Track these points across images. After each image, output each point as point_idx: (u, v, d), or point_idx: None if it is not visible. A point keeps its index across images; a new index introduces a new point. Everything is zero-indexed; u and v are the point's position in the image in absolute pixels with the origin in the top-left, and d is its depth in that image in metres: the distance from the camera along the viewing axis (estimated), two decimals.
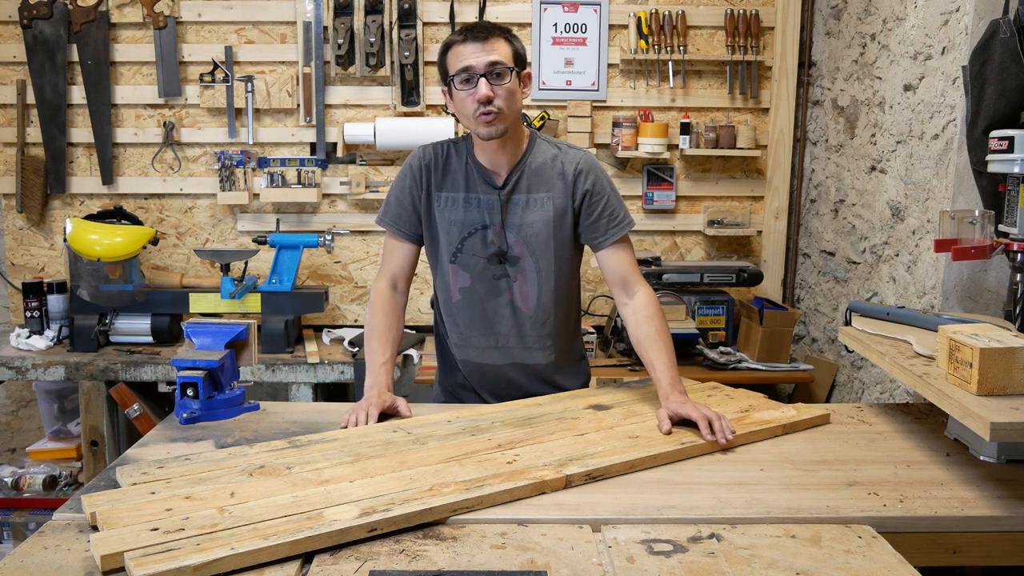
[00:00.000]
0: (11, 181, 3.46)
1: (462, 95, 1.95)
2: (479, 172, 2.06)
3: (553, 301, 2.09)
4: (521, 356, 2.11)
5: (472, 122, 1.97)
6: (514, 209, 2.05)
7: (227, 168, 3.43)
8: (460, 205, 2.06)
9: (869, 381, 2.97)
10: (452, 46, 1.97)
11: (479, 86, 1.91)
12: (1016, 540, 1.46)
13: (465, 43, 1.94)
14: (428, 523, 1.37)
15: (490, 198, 2.05)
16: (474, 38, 1.93)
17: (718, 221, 3.62)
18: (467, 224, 2.06)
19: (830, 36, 3.36)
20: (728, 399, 2.01)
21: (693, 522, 1.40)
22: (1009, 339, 1.53)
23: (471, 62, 1.92)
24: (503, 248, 2.06)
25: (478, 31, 1.94)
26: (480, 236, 2.06)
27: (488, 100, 1.91)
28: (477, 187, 2.06)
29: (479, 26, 1.97)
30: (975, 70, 2.15)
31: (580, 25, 3.50)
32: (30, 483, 3.19)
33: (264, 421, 1.91)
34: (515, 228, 2.05)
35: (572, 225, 2.07)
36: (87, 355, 3.13)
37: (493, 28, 1.97)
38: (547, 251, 2.06)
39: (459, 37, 1.96)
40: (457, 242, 2.06)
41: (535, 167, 2.06)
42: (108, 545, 1.22)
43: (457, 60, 1.94)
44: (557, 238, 2.06)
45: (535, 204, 2.05)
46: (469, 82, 1.93)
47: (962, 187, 2.38)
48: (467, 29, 1.96)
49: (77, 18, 3.37)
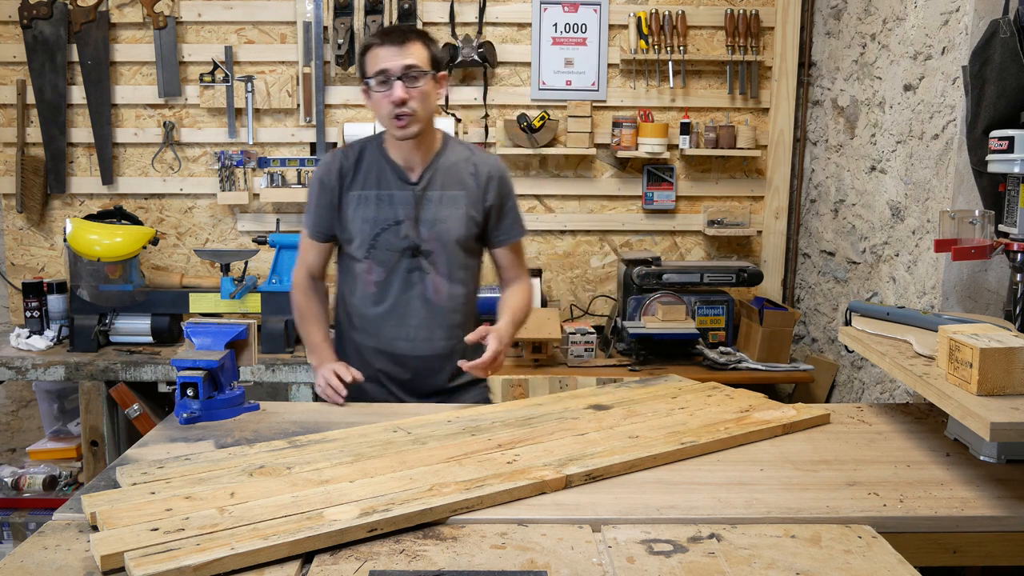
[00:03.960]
0: (11, 181, 3.46)
1: (378, 96, 2.05)
2: (392, 169, 2.16)
3: (462, 293, 2.21)
4: (430, 346, 2.20)
5: (388, 123, 2.07)
6: (428, 205, 2.15)
7: (227, 168, 3.43)
8: (373, 202, 2.15)
9: (869, 381, 2.97)
10: (370, 48, 2.07)
11: (394, 88, 2.01)
12: (1016, 540, 1.46)
13: (383, 46, 2.04)
14: (428, 523, 1.37)
15: (404, 194, 2.15)
16: (391, 41, 2.03)
17: (718, 221, 3.62)
18: (380, 220, 2.14)
19: (830, 36, 3.36)
20: (728, 399, 2.01)
21: (693, 522, 1.40)
22: (1009, 339, 1.53)
23: (387, 65, 2.02)
24: (417, 242, 2.15)
25: (396, 35, 2.05)
26: (394, 231, 2.14)
27: (403, 102, 2.02)
28: (391, 183, 2.15)
29: (397, 29, 2.08)
30: (975, 70, 2.15)
31: (580, 25, 3.50)
32: (30, 483, 3.19)
33: (264, 421, 1.91)
34: (429, 223, 2.15)
35: (482, 224, 2.21)
36: (87, 355, 3.13)
37: (411, 31, 2.08)
38: (458, 246, 2.18)
39: (377, 40, 2.06)
40: (371, 238, 2.15)
41: (448, 165, 2.17)
42: (108, 545, 1.22)
43: (375, 62, 2.04)
44: (468, 234, 2.18)
45: (449, 201, 2.16)
46: (385, 84, 2.03)
47: (962, 187, 2.38)
48: (385, 32, 2.07)
49: (77, 18, 3.37)
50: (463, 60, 3.41)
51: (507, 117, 3.53)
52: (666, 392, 2.07)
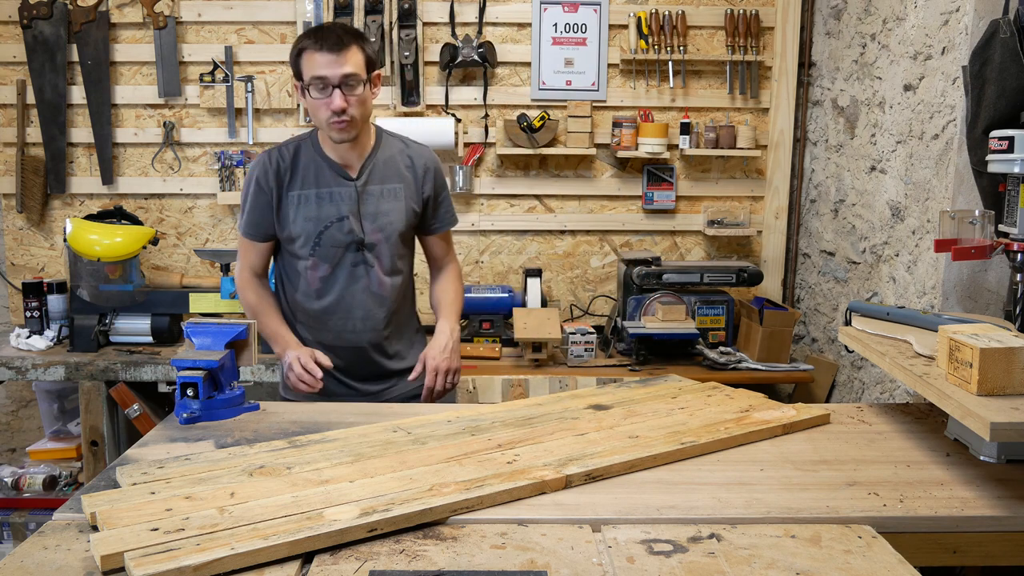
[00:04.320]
0: (11, 181, 3.46)
1: (316, 102, 2.06)
2: (330, 166, 2.19)
3: (402, 280, 2.29)
4: (375, 335, 2.26)
5: (325, 127, 2.10)
6: (369, 199, 2.20)
7: (227, 168, 3.43)
8: (313, 201, 2.17)
9: (869, 381, 2.97)
10: (305, 51, 2.05)
11: (334, 97, 2.03)
12: (1016, 540, 1.46)
13: (320, 51, 2.02)
14: (428, 523, 1.37)
15: (345, 190, 2.18)
16: (329, 48, 2.02)
17: (718, 221, 3.62)
18: (323, 218, 2.17)
19: (830, 36, 3.36)
20: (728, 399, 2.01)
21: (693, 522, 1.40)
22: (1009, 339, 1.53)
23: (326, 73, 2.02)
24: (361, 236, 2.19)
25: (333, 41, 2.03)
26: (338, 227, 2.18)
27: (342, 111, 2.04)
28: (330, 181, 2.19)
29: (334, 34, 2.04)
30: (975, 70, 2.15)
31: (580, 25, 3.50)
32: (30, 483, 3.19)
33: (264, 421, 1.91)
34: (371, 217, 2.20)
35: (420, 215, 2.29)
36: (87, 355, 3.13)
37: (346, 34, 2.06)
38: (400, 238, 2.25)
39: (314, 44, 2.03)
40: (315, 236, 2.18)
41: (385, 159, 2.22)
42: (108, 545, 1.22)
43: (312, 67, 2.03)
44: (408, 225, 2.26)
45: (389, 194, 2.22)
46: (324, 91, 2.04)
47: (962, 187, 2.38)
48: (322, 37, 2.04)
49: (77, 18, 3.37)
50: (463, 60, 3.41)
51: (507, 117, 3.53)
52: (666, 392, 2.08)
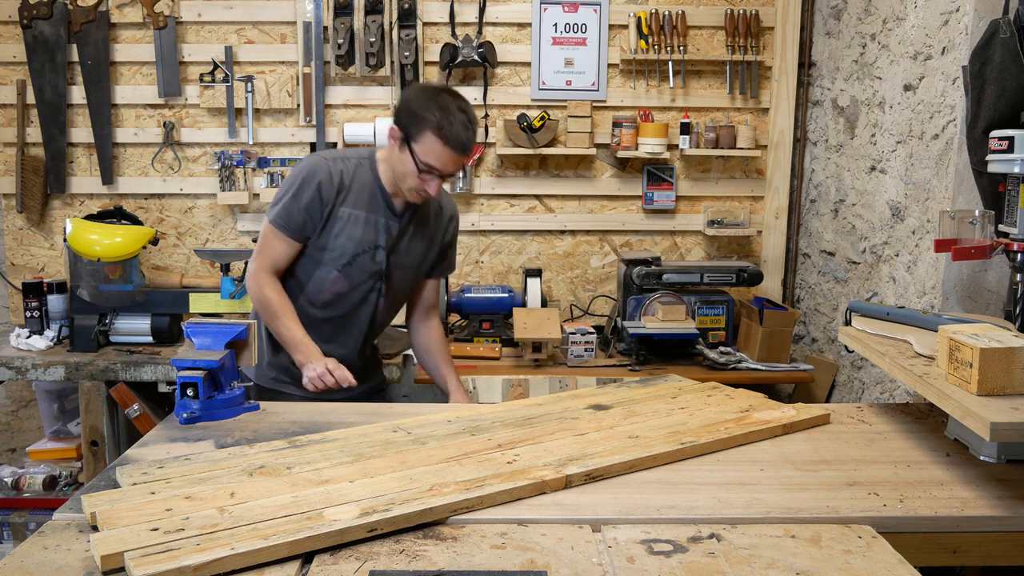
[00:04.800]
0: (11, 181, 3.46)
1: (413, 171, 2.13)
2: (383, 195, 2.25)
3: (394, 313, 2.43)
4: (353, 354, 2.34)
5: (403, 186, 2.18)
6: (403, 237, 2.30)
7: (227, 168, 3.43)
8: (360, 223, 2.23)
9: (869, 381, 2.97)
10: (434, 135, 2.09)
11: (433, 183, 2.14)
12: (1016, 540, 1.46)
13: (452, 150, 2.10)
14: (428, 523, 1.37)
15: (389, 222, 2.26)
16: (460, 151, 2.12)
17: (718, 221, 3.62)
18: (363, 243, 2.25)
19: (830, 36, 3.36)
20: (728, 399, 2.01)
21: (693, 522, 1.40)
22: (1009, 339, 1.53)
23: (440, 167, 2.12)
24: (386, 269, 2.29)
25: (463, 145, 2.12)
26: (370, 255, 2.26)
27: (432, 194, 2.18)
28: (379, 209, 2.25)
29: (466, 137, 2.12)
30: (975, 70, 2.15)
31: (580, 25, 3.50)
32: (30, 483, 3.19)
33: (264, 421, 1.91)
34: (400, 253, 2.30)
35: (431, 259, 2.39)
36: (87, 355, 3.13)
37: (473, 138, 2.16)
38: (411, 277, 2.37)
39: (447, 139, 2.09)
40: (350, 256, 2.24)
41: (423, 202, 2.28)
42: (108, 545, 1.22)
43: (430, 155, 2.10)
44: (421, 268, 2.38)
45: (417, 236, 2.32)
46: (429, 174, 2.13)
47: (962, 187, 2.38)
48: (455, 135, 2.09)
49: (77, 18, 3.37)
50: (463, 60, 3.41)
51: (507, 117, 3.53)
52: (666, 392, 2.08)
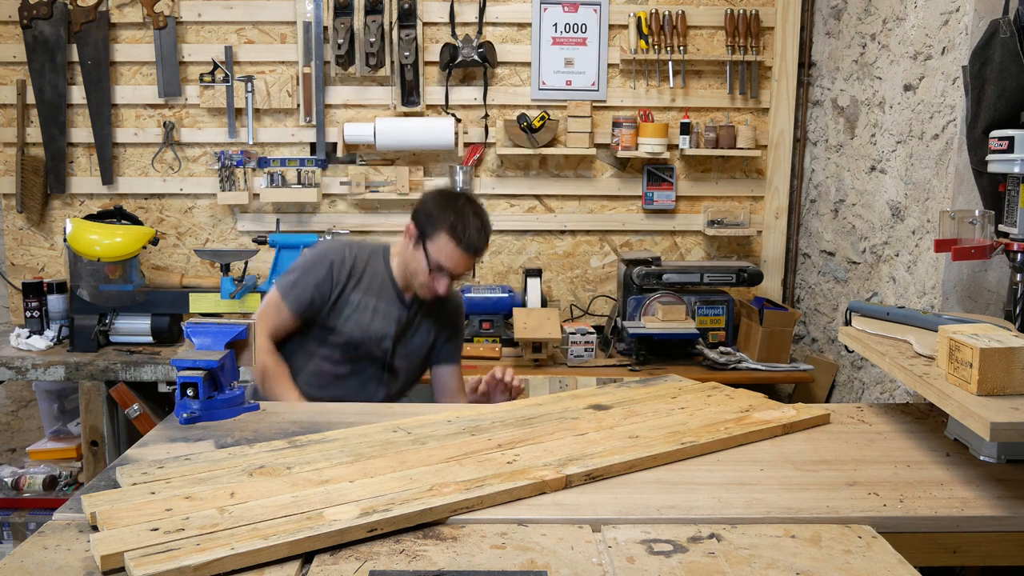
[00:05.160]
0: (11, 181, 3.46)
1: (425, 269, 2.22)
2: (393, 285, 2.33)
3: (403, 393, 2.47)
4: None
5: (415, 282, 2.27)
6: (410, 329, 2.36)
7: (227, 168, 3.43)
8: (369, 311, 2.28)
9: (869, 381, 2.97)
10: (447, 237, 2.18)
11: (443, 282, 2.23)
12: (1016, 540, 1.46)
13: (464, 252, 2.21)
14: (428, 523, 1.37)
15: (398, 312, 2.32)
16: (470, 252, 2.22)
17: (718, 221, 3.62)
18: (371, 331, 2.30)
19: (830, 36, 3.36)
20: (728, 399, 2.01)
21: (693, 522, 1.40)
22: (1009, 339, 1.53)
23: (451, 267, 2.21)
24: (390, 360, 2.34)
25: (475, 248, 2.22)
26: (376, 343, 2.31)
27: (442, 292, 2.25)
28: (390, 298, 2.32)
29: (478, 241, 2.22)
30: (975, 70, 2.15)
31: (580, 25, 3.50)
32: (30, 483, 3.19)
33: (264, 421, 1.91)
34: (406, 344, 2.36)
35: (438, 349, 2.43)
36: (87, 355, 3.13)
37: (485, 243, 2.26)
38: (418, 368, 2.44)
39: (460, 241, 2.19)
40: (356, 342, 2.30)
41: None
42: (108, 545, 1.22)
43: (443, 255, 2.20)
44: (427, 359, 2.44)
45: (425, 328, 2.38)
46: (440, 272, 2.22)
47: (962, 187, 2.38)
48: (469, 238, 2.19)
49: (77, 18, 3.37)
50: (463, 60, 3.41)
51: (507, 117, 3.53)
52: (666, 392, 2.07)
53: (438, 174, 3.57)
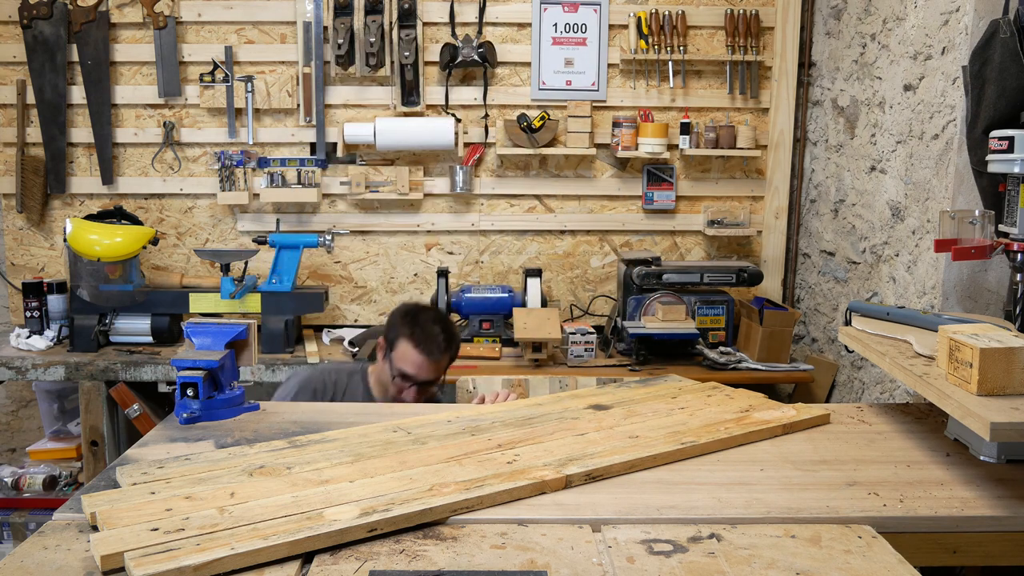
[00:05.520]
0: (11, 181, 3.46)
1: (392, 380, 2.28)
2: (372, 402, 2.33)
3: None
4: None
5: (388, 394, 2.32)
6: None
7: (227, 168, 3.43)
8: None
9: (869, 381, 2.97)
10: (405, 343, 2.25)
11: (410, 392, 2.28)
12: (1016, 540, 1.46)
13: (423, 355, 2.25)
14: (428, 523, 1.37)
15: None
16: (430, 355, 2.26)
17: (718, 221, 3.61)
18: None
19: (830, 36, 3.36)
20: (728, 399, 2.01)
21: (693, 522, 1.40)
22: (1009, 339, 1.53)
23: (416, 373, 2.26)
24: None
25: (435, 349, 2.26)
26: None
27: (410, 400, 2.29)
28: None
29: (436, 342, 2.26)
30: (975, 70, 2.15)
31: (580, 25, 3.50)
32: (30, 483, 3.19)
33: (264, 421, 1.91)
34: None
35: None
36: (87, 355, 3.13)
37: (448, 343, 2.29)
38: None
39: (417, 345, 2.25)
40: None
41: None
42: (108, 545, 1.22)
43: (405, 362, 2.26)
44: None
45: None
46: (406, 380, 2.27)
47: (962, 187, 2.38)
48: (427, 340, 2.25)
49: (77, 18, 3.37)
50: (463, 60, 3.41)
51: (507, 117, 3.53)
52: (666, 392, 2.08)
53: (438, 174, 3.57)
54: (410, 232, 3.61)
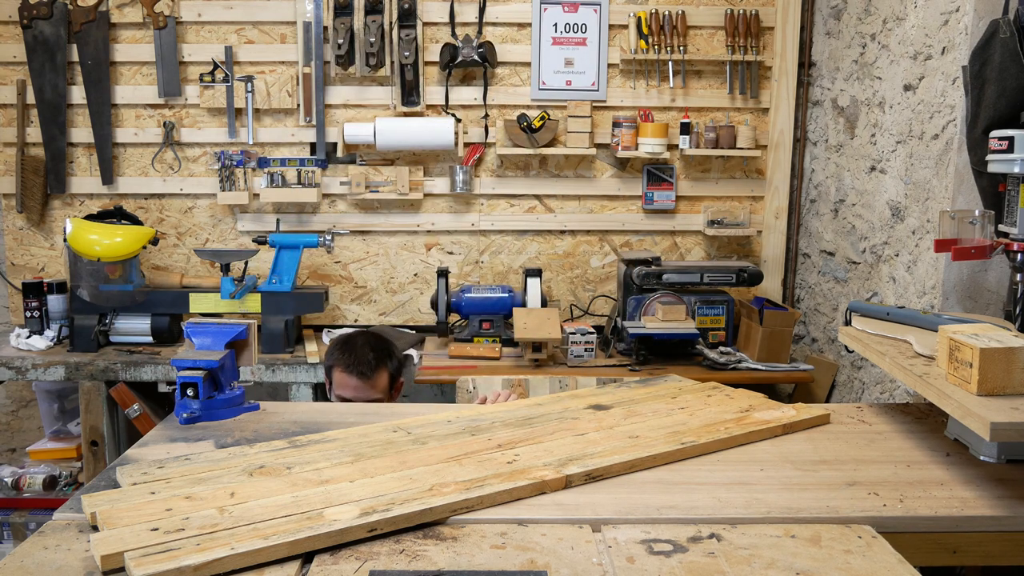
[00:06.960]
0: (11, 181, 3.46)
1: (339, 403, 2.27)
2: None
3: None
4: None
5: None
6: None
7: (227, 168, 3.43)
8: None
9: (869, 381, 2.97)
10: (336, 369, 2.27)
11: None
12: (1016, 540, 1.46)
13: (350, 375, 2.27)
14: (428, 523, 1.37)
15: None
16: (359, 375, 2.27)
17: (718, 221, 3.62)
18: None
19: (830, 36, 3.36)
20: (728, 399, 2.01)
21: (693, 522, 1.40)
22: (1009, 339, 1.53)
23: (351, 396, 2.27)
24: None
25: (363, 368, 2.27)
26: None
27: None
28: None
29: (364, 359, 2.28)
30: (975, 70, 2.15)
31: (580, 25, 3.50)
32: (30, 483, 3.19)
33: (264, 421, 1.91)
34: None
35: None
36: (87, 355, 3.13)
37: (377, 359, 2.28)
38: None
39: (345, 367, 2.29)
40: None
41: None
42: (108, 545, 1.22)
43: (341, 387, 2.29)
44: None
45: None
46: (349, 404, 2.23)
47: (962, 187, 2.38)
48: (353, 360, 2.26)
49: (77, 18, 3.37)
50: (463, 60, 3.41)
51: (507, 117, 3.53)
52: (666, 392, 2.08)
53: (438, 174, 3.58)
54: (410, 232, 3.62)
